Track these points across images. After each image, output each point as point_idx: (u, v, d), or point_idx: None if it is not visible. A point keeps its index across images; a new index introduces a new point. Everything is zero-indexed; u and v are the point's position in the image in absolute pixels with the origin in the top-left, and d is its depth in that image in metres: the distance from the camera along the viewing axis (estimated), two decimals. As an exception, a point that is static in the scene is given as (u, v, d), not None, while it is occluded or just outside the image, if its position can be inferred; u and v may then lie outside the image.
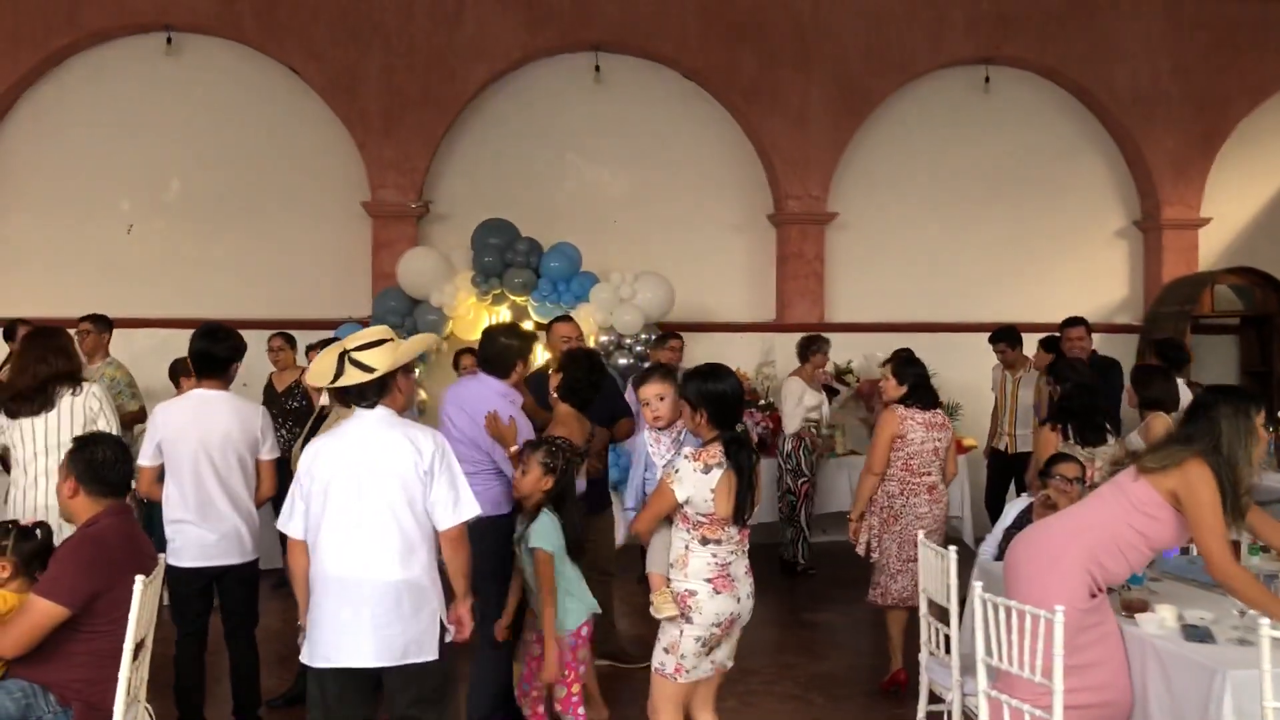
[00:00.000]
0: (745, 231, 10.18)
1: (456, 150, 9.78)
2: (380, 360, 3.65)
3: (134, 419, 7.15)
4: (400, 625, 3.56)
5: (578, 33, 9.67)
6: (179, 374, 7.17)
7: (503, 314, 8.91)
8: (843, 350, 9.41)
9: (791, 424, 8.29)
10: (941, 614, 4.54)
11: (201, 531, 4.68)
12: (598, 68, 9.84)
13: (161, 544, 4.43)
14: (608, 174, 10.02)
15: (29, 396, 4.88)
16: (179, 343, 8.23)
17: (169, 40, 9.34)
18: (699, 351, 9.07)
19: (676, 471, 3.83)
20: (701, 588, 3.82)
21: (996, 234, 10.40)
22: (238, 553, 4.76)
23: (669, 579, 3.89)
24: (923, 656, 4.67)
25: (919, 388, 5.76)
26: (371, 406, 3.68)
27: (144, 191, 9.45)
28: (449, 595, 3.75)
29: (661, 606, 3.88)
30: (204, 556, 4.69)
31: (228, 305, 9.18)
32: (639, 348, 8.65)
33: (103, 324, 7.47)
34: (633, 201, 9.99)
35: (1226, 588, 3.71)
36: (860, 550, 5.80)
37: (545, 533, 4.36)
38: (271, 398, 7.74)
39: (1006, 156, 10.43)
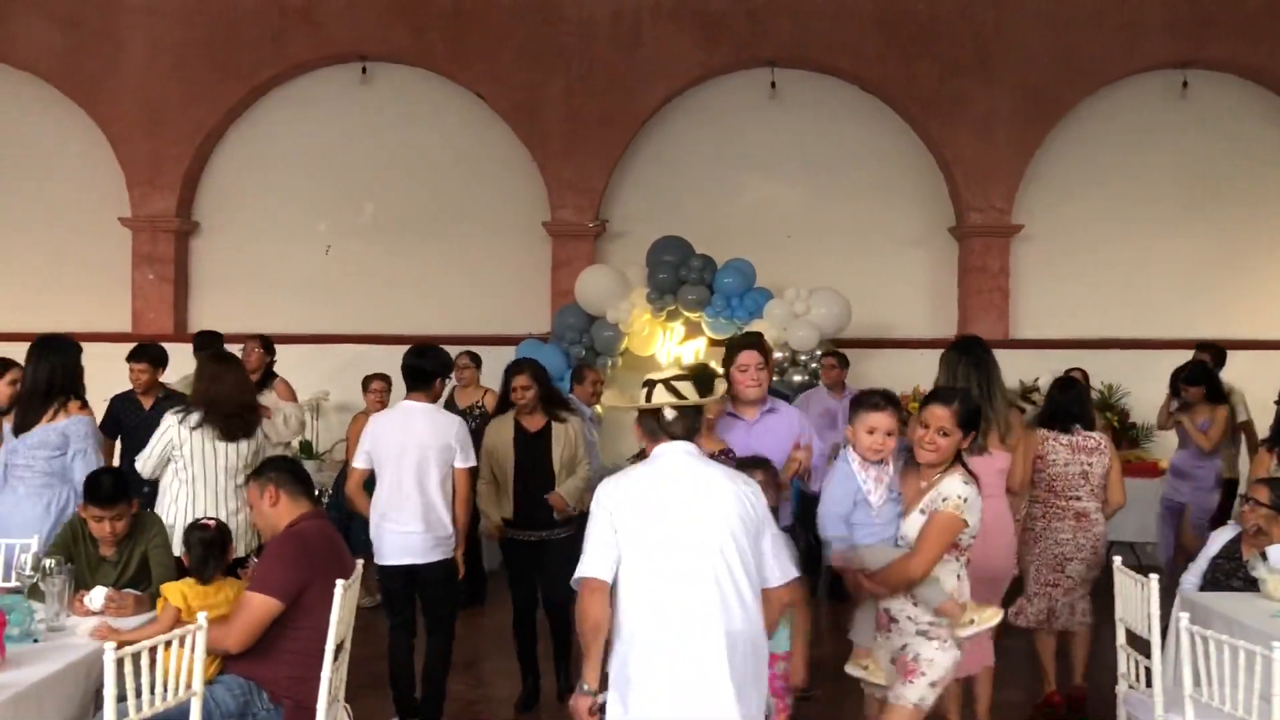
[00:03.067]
0: (925, 245, 9.97)
1: (633, 169, 9.94)
2: (697, 392, 3.41)
3: None
4: (733, 684, 3.10)
5: (753, 50, 9.69)
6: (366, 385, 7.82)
7: (677, 330, 8.99)
8: (1029, 367, 9.08)
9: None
10: (1138, 643, 4.32)
11: (398, 529, 5.04)
12: (773, 84, 9.82)
13: (357, 551, 4.65)
14: (783, 189, 9.98)
15: (237, 415, 5.13)
16: (372, 357, 8.74)
17: (364, 70, 9.83)
18: (877, 368, 8.93)
19: (965, 500, 3.66)
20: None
21: (1194, 246, 9.85)
22: (430, 552, 5.07)
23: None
24: (1120, 689, 4.46)
25: (1061, 411, 5.59)
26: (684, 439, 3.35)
27: (340, 214, 9.96)
28: None
29: (989, 617, 3.76)
30: (401, 554, 5.05)
31: (416, 321, 9.58)
32: (814, 365, 8.57)
33: (269, 348, 7.86)
34: (808, 216, 9.92)
35: None
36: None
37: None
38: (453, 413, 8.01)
39: (1205, 164, 9.86)
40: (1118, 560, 4.65)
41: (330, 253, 9.95)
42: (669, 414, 3.33)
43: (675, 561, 3.15)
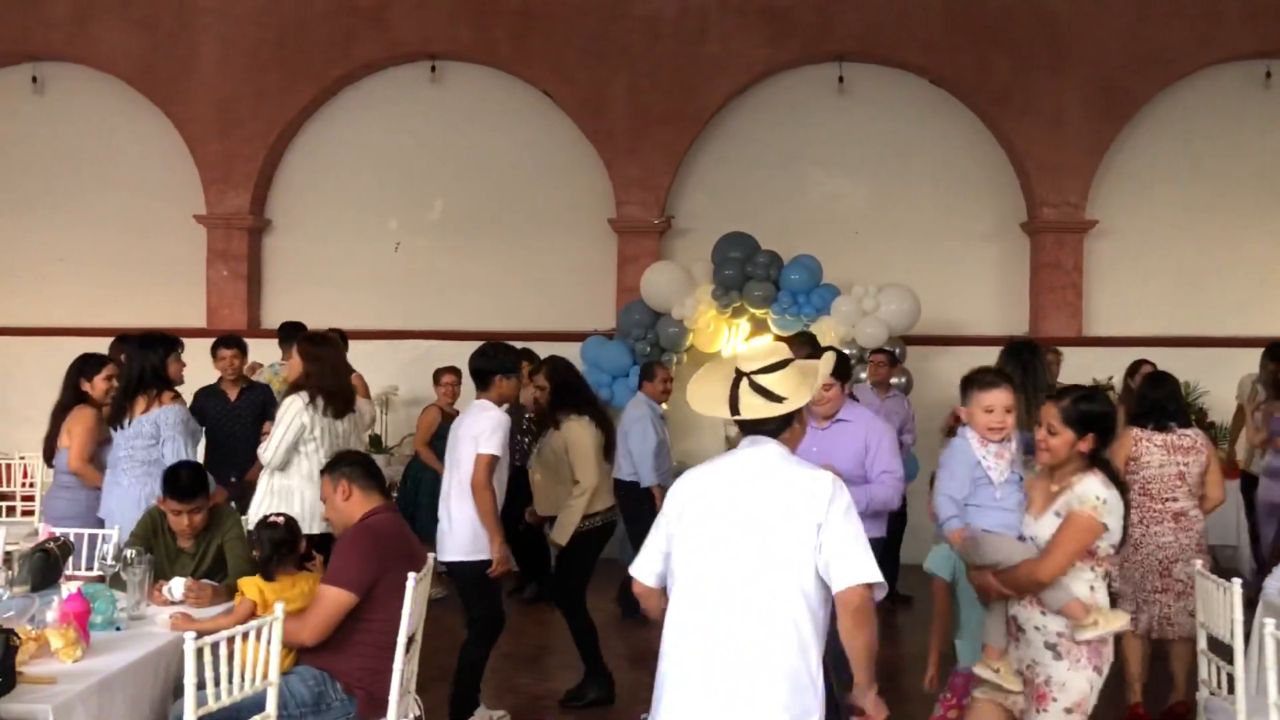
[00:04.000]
0: (995, 241, 9.82)
1: (698, 165, 9.91)
2: (792, 389, 3.01)
3: None
4: (778, 709, 2.82)
5: (820, 44, 9.61)
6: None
7: (742, 326, 8.95)
8: (1103, 365, 8.90)
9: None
10: (1220, 649, 4.21)
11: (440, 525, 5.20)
12: (840, 78, 9.73)
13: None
14: (849, 184, 9.89)
15: (341, 392, 5.30)
16: (440, 352, 8.85)
17: (433, 68, 9.92)
18: (946, 366, 8.78)
19: (1104, 502, 3.45)
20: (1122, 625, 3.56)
21: (1273, 242, 9.57)
22: (451, 551, 5.11)
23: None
24: (1201, 695, 4.35)
25: (1153, 409, 5.36)
26: (771, 436, 3.03)
27: (409, 211, 10.07)
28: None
29: (1111, 621, 3.51)
30: (439, 550, 5.12)
31: (483, 318, 9.67)
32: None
33: (343, 341, 7.99)
34: (875, 212, 9.81)
35: None
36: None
37: (941, 560, 4.14)
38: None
39: (1289, 158, 9.60)
40: (1198, 564, 4.54)
41: (399, 250, 10.06)
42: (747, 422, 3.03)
43: (725, 574, 2.91)
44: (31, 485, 7.93)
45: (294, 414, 5.09)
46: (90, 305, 9.94)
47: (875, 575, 2.88)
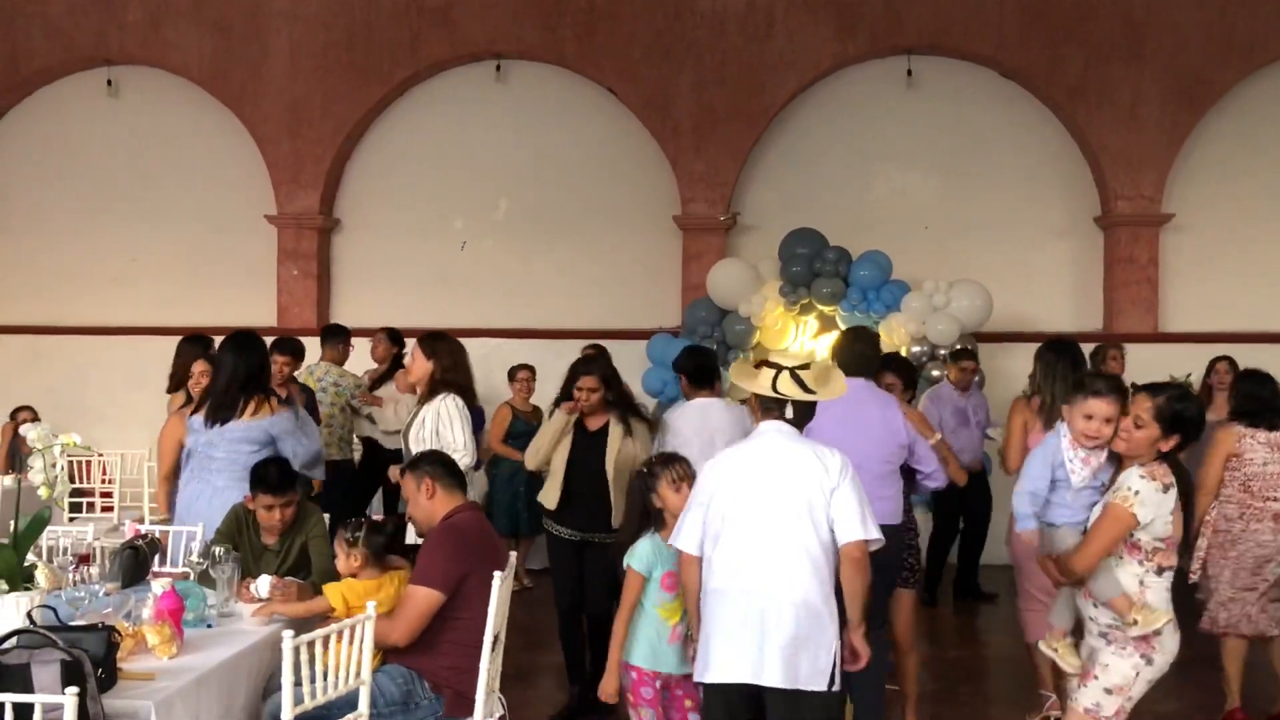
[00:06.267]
0: (1068, 235, 9.64)
1: (764, 161, 9.84)
2: (827, 386, 3.66)
3: None
4: (798, 647, 3.45)
5: (889, 38, 9.50)
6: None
7: (810, 324, 8.87)
8: (1180, 362, 8.68)
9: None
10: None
11: None
12: (909, 71, 9.61)
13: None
14: (918, 179, 9.77)
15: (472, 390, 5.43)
16: (507, 350, 8.90)
17: (498, 68, 9.95)
18: (1019, 363, 8.62)
19: (1136, 493, 3.48)
20: (1165, 624, 3.53)
21: (1358, 235, 9.33)
22: None
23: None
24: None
25: (1260, 407, 5.27)
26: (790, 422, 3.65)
27: (476, 210, 10.11)
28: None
29: (1150, 619, 3.50)
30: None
31: (549, 316, 9.71)
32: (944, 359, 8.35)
33: (396, 339, 8.20)
34: (945, 207, 9.68)
35: None
36: (1194, 576, 5.36)
37: (641, 555, 4.10)
38: None
39: (1374, 148, 9.32)
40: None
41: (465, 248, 10.10)
42: (789, 410, 3.63)
43: (757, 530, 3.51)
44: (109, 482, 8.07)
45: (460, 411, 5.22)
46: (164, 305, 10.10)
47: (872, 533, 3.53)
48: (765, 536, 3.51)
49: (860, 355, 4.89)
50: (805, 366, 3.66)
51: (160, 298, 10.17)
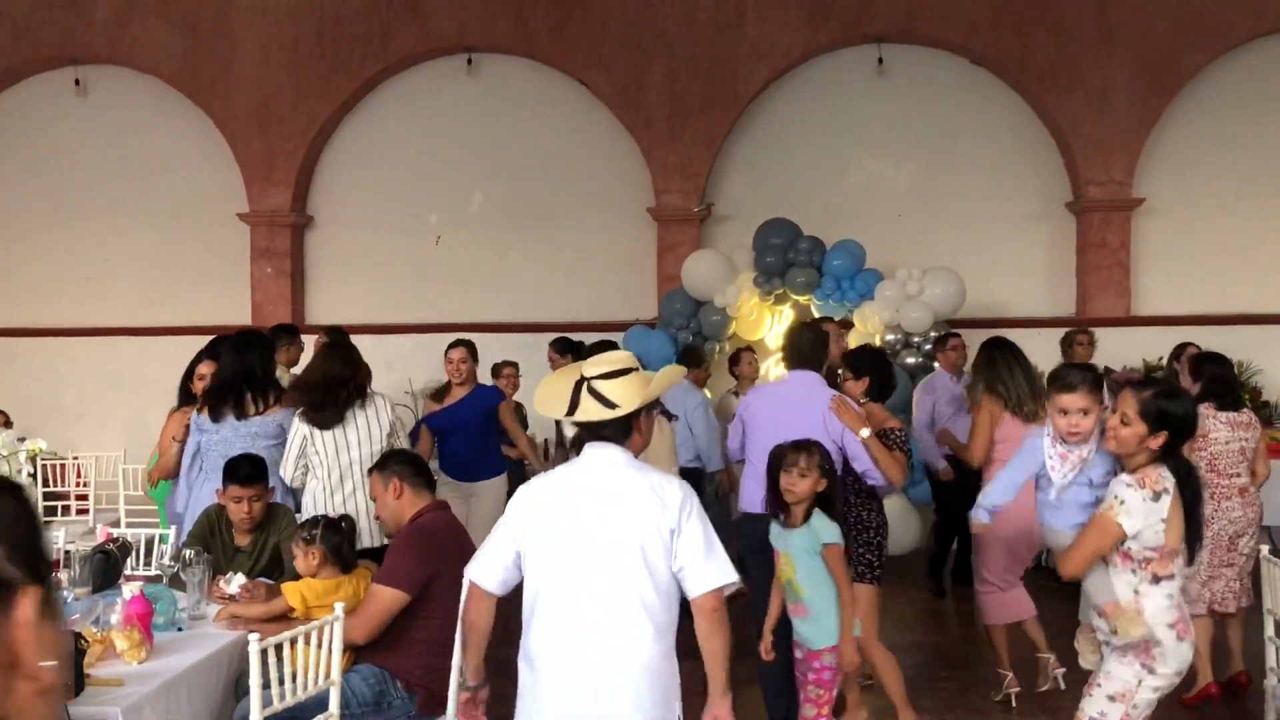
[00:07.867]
0: (1041, 221, 9.69)
1: (737, 152, 9.85)
2: (626, 396, 3.03)
3: None
4: (637, 716, 2.91)
5: (859, 26, 9.51)
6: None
7: (785, 313, 8.89)
8: (1152, 345, 8.77)
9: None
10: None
11: None
12: (880, 59, 9.63)
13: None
14: (891, 167, 9.79)
15: (321, 406, 5.08)
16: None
17: (469, 61, 9.91)
18: (993, 349, 8.69)
19: (1122, 503, 3.34)
20: (1165, 634, 3.38)
21: (1330, 216, 9.40)
22: None
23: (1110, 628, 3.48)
24: (1269, 683, 4.28)
25: (1226, 389, 5.40)
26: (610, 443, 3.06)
27: (449, 204, 10.08)
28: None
29: (1129, 628, 3.37)
30: None
31: (524, 309, 9.71)
32: (928, 346, 8.38)
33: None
34: (918, 195, 9.71)
35: None
36: None
37: (832, 530, 4.16)
38: None
39: (1343, 129, 9.39)
40: (1264, 549, 4.47)
41: (440, 243, 10.08)
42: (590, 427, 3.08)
43: (582, 584, 2.94)
44: (84, 485, 8.02)
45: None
46: (137, 305, 10.05)
47: (728, 577, 2.96)
48: (592, 592, 2.93)
49: (809, 347, 4.89)
50: (611, 375, 3.06)
51: (133, 298, 10.12)
